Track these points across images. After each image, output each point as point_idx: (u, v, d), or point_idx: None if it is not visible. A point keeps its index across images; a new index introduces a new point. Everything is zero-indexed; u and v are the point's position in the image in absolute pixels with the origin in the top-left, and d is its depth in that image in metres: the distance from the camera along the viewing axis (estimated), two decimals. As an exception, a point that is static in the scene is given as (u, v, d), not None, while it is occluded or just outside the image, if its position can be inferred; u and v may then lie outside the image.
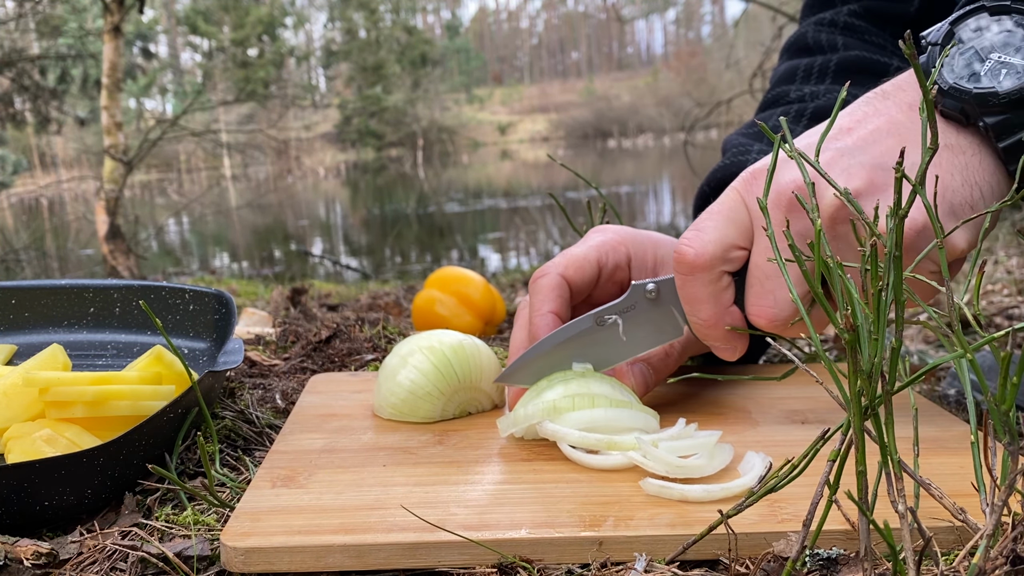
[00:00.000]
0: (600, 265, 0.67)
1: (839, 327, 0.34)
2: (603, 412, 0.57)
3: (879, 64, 0.82)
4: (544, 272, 0.66)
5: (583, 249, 0.67)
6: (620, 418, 0.57)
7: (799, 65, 0.87)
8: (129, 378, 0.64)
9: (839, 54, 0.84)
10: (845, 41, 0.85)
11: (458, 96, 47.00)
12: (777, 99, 0.86)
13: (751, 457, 0.54)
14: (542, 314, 0.64)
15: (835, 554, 0.42)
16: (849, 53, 0.84)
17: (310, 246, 8.58)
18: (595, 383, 0.59)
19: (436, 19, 64.02)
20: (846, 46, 0.85)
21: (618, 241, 0.68)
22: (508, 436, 0.60)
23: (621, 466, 0.54)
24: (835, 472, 0.36)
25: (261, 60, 32.82)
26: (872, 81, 0.82)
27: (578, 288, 0.66)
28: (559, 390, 0.58)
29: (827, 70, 0.84)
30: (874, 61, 0.83)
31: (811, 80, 0.85)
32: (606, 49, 73.87)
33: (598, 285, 0.67)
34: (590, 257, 0.66)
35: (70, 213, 10.27)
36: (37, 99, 7.26)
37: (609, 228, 0.70)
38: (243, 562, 0.45)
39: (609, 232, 0.69)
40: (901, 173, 0.34)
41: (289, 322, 1.04)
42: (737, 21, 6.48)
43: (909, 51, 0.34)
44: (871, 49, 0.84)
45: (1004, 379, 0.34)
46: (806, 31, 0.88)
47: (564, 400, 0.57)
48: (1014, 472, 0.35)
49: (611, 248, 0.67)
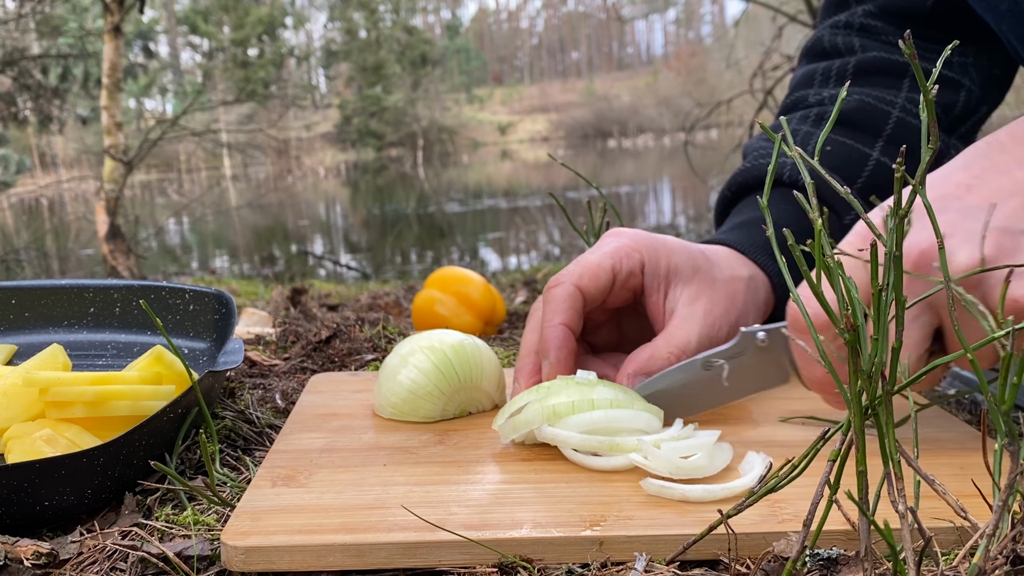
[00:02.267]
0: (615, 273, 0.66)
1: (840, 327, 0.34)
2: (603, 414, 0.56)
3: (898, 64, 0.82)
4: (559, 281, 0.66)
5: (597, 257, 0.66)
6: (620, 419, 0.57)
7: (817, 69, 0.86)
8: (129, 378, 0.64)
9: (857, 56, 0.84)
10: (862, 43, 0.85)
11: (458, 96, 46.99)
12: (796, 104, 0.85)
13: (751, 457, 0.54)
14: (554, 326, 0.64)
15: (835, 554, 0.42)
16: (867, 55, 0.83)
17: (310, 246, 8.58)
18: (598, 388, 0.59)
19: (436, 19, 64.01)
20: (863, 48, 0.84)
21: (632, 247, 0.67)
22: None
23: (623, 468, 0.54)
24: (835, 472, 0.36)
25: (261, 60, 32.83)
26: (892, 81, 0.82)
27: (592, 297, 0.66)
28: (561, 396, 0.58)
29: (845, 72, 0.84)
30: (893, 61, 0.82)
31: (829, 84, 0.85)
32: (606, 49, 73.87)
33: (612, 292, 0.67)
34: (604, 265, 0.66)
35: (70, 213, 10.28)
36: (39, 98, 7.26)
37: (625, 233, 0.69)
38: (243, 561, 0.45)
39: (624, 238, 0.68)
40: (902, 174, 0.34)
41: (289, 322, 1.04)
42: (737, 21, 6.48)
43: (909, 51, 0.34)
44: (889, 49, 0.83)
45: (1004, 379, 0.34)
46: (822, 35, 0.88)
47: (564, 405, 0.57)
48: (1015, 472, 0.35)
49: (625, 255, 0.67)
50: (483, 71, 60.98)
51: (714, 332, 0.68)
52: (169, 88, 24.45)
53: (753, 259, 0.73)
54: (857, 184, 0.78)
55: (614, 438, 0.55)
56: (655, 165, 17.77)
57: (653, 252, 0.68)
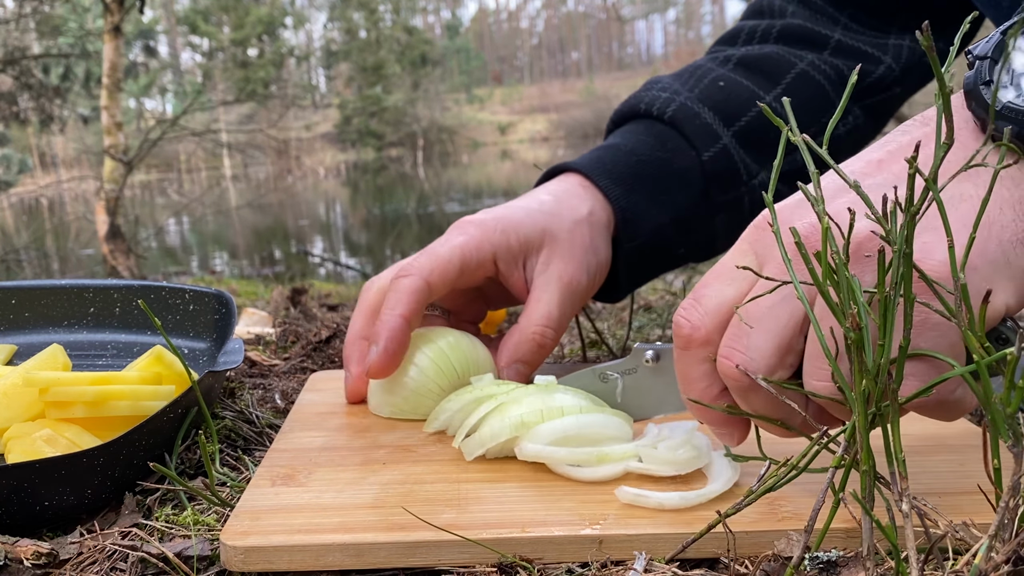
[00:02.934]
0: (463, 267, 0.67)
1: (845, 327, 0.34)
2: (574, 420, 0.55)
3: (819, 36, 0.83)
4: (407, 273, 0.65)
5: (447, 251, 0.67)
6: (593, 424, 0.55)
7: (745, 26, 0.88)
8: (129, 378, 0.64)
9: (783, 21, 0.85)
10: (794, 9, 0.86)
11: (458, 96, 47.00)
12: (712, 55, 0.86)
13: (716, 459, 0.53)
14: (395, 315, 0.63)
15: (835, 556, 0.42)
16: (792, 21, 0.84)
17: (310, 246, 8.58)
18: (558, 394, 0.57)
19: (436, 19, 64.03)
20: (793, 14, 0.85)
21: (482, 239, 0.68)
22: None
23: (614, 476, 0.53)
24: (841, 479, 0.36)
25: (261, 60, 32.84)
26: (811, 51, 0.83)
27: (438, 290, 0.66)
28: (523, 405, 0.56)
29: (769, 35, 0.85)
30: (815, 32, 0.83)
31: (753, 43, 0.86)
32: (606, 49, 73.88)
33: (460, 280, 0.67)
34: (454, 260, 0.66)
35: (70, 213, 10.28)
36: (40, 97, 7.26)
37: (472, 223, 0.69)
38: (243, 561, 0.45)
39: (471, 229, 0.68)
40: (915, 168, 0.33)
41: (289, 322, 1.04)
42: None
43: (927, 43, 0.33)
44: (817, 20, 0.84)
45: (1009, 382, 0.34)
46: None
47: (532, 414, 0.55)
48: (1018, 474, 0.35)
49: (475, 247, 0.67)
50: (483, 71, 60.98)
51: (575, 288, 0.69)
52: (169, 88, 24.47)
53: (596, 182, 0.74)
54: (741, 122, 0.79)
55: (601, 448, 0.54)
56: (655, 165, 17.69)
57: (502, 236, 0.68)
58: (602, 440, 0.55)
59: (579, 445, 0.54)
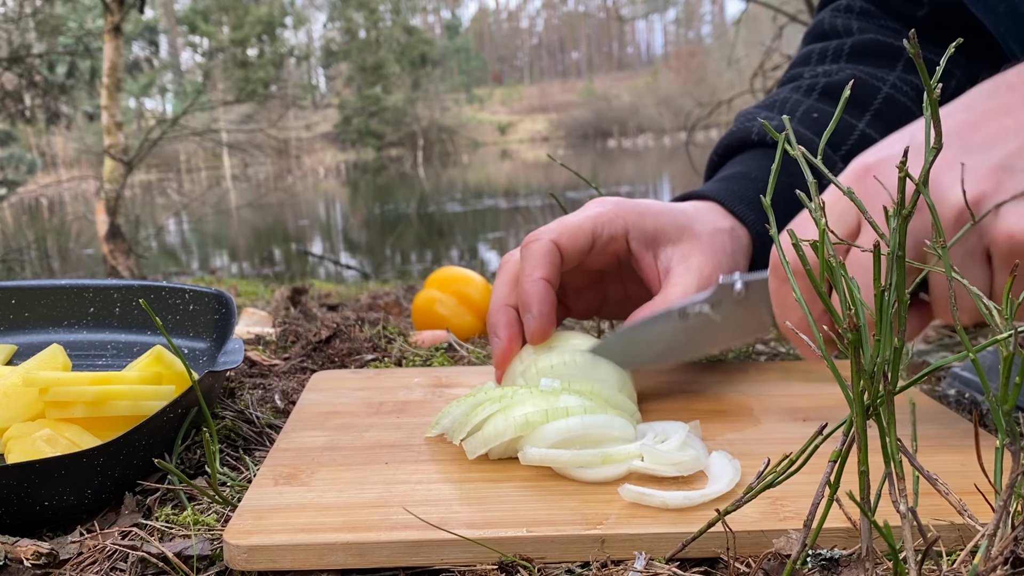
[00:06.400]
0: (595, 236, 0.67)
1: (842, 327, 0.34)
2: (579, 420, 0.55)
3: (893, 47, 0.84)
4: (537, 237, 0.66)
5: (579, 219, 0.67)
6: (598, 425, 0.55)
7: (814, 49, 0.88)
8: (129, 378, 0.64)
9: (853, 37, 0.86)
10: (860, 25, 0.86)
11: (458, 96, 47.00)
12: (791, 79, 0.87)
13: (717, 458, 0.53)
14: (533, 280, 0.64)
15: (836, 555, 0.42)
16: (863, 36, 0.85)
17: (310, 246, 8.58)
18: (563, 397, 0.57)
19: (436, 19, 64.02)
20: (861, 30, 0.86)
21: (615, 214, 0.68)
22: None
23: (617, 477, 0.53)
24: (836, 472, 0.36)
25: (261, 60, 32.84)
26: (886, 62, 0.84)
27: (569, 256, 0.66)
28: (528, 405, 0.56)
29: (841, 52, 0.86)
30: (888, 44, 0.84)
31: (826, 61, 0.87)
32: (606, 49, 73.88)
33: (591, 254, 0.67)
34: (585, 227, 0.66)
35: (70, 213, 10.28)
36: (46, 94, 7.25)
37: (609, 200, 0.70)
38: (246, 560, 0.45)
39: (608, 204, 0.69)
40: (905, 172, 0.34)
41: (289, 322, 1.04)
42: (737, 21, 6.49)
43: (914, 51, 0.34)
44: (885, 33, 0.85)
45: (1005, 380, 0.34)
46: (823, 18, 0.90)
47: (537, 414, 0.55)
48: (1015, 472, 0.35)
49: (608, 220, 0.67)
50: (483, 71, 60.98)
51: (709, 285, 0.69)
52: (169, 88, 24.47)
53: (731, 209, 0.74)
54: (840, 152, 0.79)
55: (605, 449, 0.54)
56: (655, 165, 17.78)
57: (638, 217, 0.68)
58: (606, 441, 0.55)
59: (583, 446, 0.54)
